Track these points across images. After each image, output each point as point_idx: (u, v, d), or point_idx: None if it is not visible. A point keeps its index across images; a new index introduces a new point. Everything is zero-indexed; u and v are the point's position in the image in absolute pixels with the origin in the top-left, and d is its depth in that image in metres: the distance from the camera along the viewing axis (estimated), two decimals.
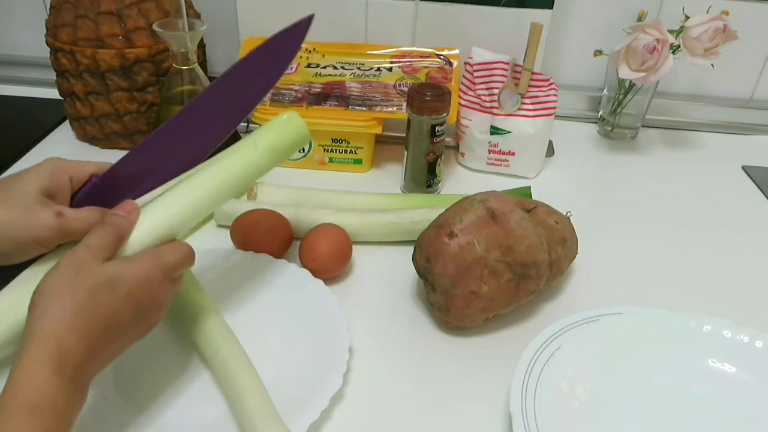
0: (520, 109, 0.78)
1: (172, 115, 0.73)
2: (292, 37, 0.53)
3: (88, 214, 0.45)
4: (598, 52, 0.87)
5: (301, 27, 0.53)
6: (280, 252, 0.63)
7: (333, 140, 0.79)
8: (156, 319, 0.44)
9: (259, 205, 0.66)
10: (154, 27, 0.68)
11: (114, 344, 0.41)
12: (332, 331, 0.54)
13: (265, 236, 0.63)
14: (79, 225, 0.44)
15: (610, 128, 0.92)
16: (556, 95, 0.78)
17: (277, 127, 0.52)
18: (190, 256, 0.46)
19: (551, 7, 0.84)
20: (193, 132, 0.51)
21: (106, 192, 0.48)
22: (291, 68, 0.82)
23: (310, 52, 0.85)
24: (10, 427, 0.33)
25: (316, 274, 0.60)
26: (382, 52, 0.86)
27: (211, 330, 0.51)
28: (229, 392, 0.48)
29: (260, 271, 0.61)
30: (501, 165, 0.82)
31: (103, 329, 0.39)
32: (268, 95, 0.78)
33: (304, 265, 0.61)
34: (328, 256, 0.61)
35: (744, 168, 0.88)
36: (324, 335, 0.54)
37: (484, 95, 0.79)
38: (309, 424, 0.46)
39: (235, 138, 0.78)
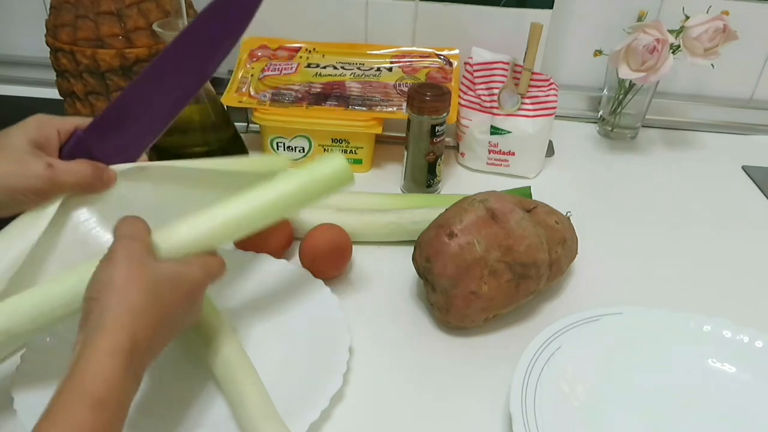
0: (520, 109, 0.78)
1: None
2: None
3: (78, 166, 0.47)
4: (598, 52, 0.87)
5: None
6: (280, 252, 0.63)
7: (333, 140, 0.79)
8: (195, 318, 0.46)
9: None
10: (154, 27, 0.68)
11: (166, 339, 0.42)
12: (332, 331, 0.54)
13: (265, 236, 0.63)
14: (70, 177, 0.46)
15: (610, 128, 0.92)
16: (556, 95, 0.78)
17: (328, 167, 0.52)
18: (224, 269, 0.48)
19: (551, 7, 0.84)
20: (171, 78, 0.51)
21: (91, 144, 0.50)
22: (291, 68, 0.82)
23: (310, 52, 0.85)
24: (76, 419, 0.33)
25: (316, 274, 0.60)
26: (382, 52, 0.86)
27: (212, 330, 0.51)
28: (229, 392, 0.48)
29: (260, 271, 0.61)
30: (501, 165, 0.82)
31: (163, 324, 0.40)
32: (269, 95, 0.78)
33: (304, 265, 0.61)
34: (328, 256, 0.61)
35: (744, 168, 0.88)
36: (324, 335, 0.54)
37: (484, 95, 0.79)
38: (309, 424, 0.46)
39: (237, 139, 0.78)
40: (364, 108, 0.77)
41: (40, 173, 0.45)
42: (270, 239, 0.63)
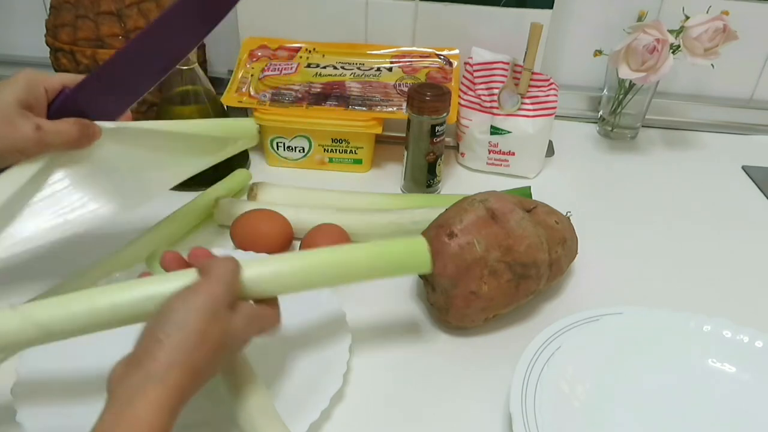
0: (520, 109, 0.78)
1: (173, 115, 0.74)
2: None
3: (65, 126, 0.49)
4: (598, 52, 0.87)
5: None
6: (280, 252, 0.63)
7: (333, 140, 0.79)
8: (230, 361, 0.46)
9: (259, 205, 0.66)
10: None
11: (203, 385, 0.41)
12: (332, 331, 0.54)
13: (265, 236, 0.63)
14: (57, 138, 0.48)
15: (610, 128, 0.92)
16: (556, 95, 0.78)
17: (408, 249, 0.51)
18: (278, 326, 0.46)
19: (551, 7, 0.84)
20: (161, 42, 0.52)
21: (79, 101, 0.51)
22: (291, 68, 0.82)
23: (310, 52, 0.85)
24: None
25: None
26: (382, 52, 0.86)
27: None
28: (229, 392, 0.48)
29: None
30: (501, 165, 0.82)
31: (209, 376, 0.40)
32: (269, 95, 0.78)
33: None
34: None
35: (744, 168, 0.88)
36: (324, 335, 0.54)
37: (484, 95, 0.79)
38: (309, 424, 0.46)
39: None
40: (364, 108, 0.77)
41: (28, 135, 0.47)
42: (270, 239, 0.63)
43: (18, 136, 0.46)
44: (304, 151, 0.80)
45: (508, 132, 0.79)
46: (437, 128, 0.71)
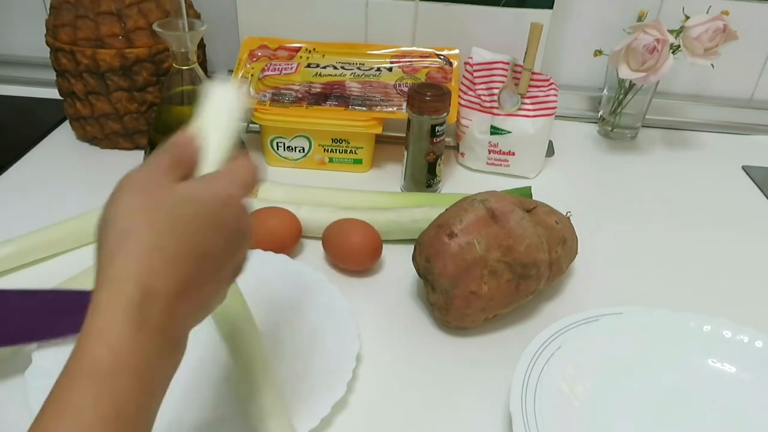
0: (520, 109, 0.78)
1: (173, 115, 0.74)
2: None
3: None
4: (598, 52, 0.87)
5: None
6: (287, 250, 0.63)
7: (333, 140, 0.79)
8: (246, 249, 0.37)
9: (258, 204, 0.66)
10: (154, 27, 0.68)
11: (207, 282, 0.33)
12: (340, 336, 0.54)
13: (273, 233, 0.62)
14: None
15: (610, 128, 0.92)
16: (556, 95, 0.78)
17: None
18: (258, 170, 0.38)
19: (551, 7, 0.84)
20: None
21: None
22: (291, 68, 0.82)
23: (310, 52, 0.85)
24: (73, 399, 0.26)
25: (345, 265, 0.61)
26: (382, 52, 0.86)
27: (238, 324, 0.52)
28: (244, 388, 0.48)
29: (266, 270, 0.60)
30: (501, 165, 0.82)
31: (190, 261, 0.31)
32: (269, 95, 0.78)
33: (332, 257, 0.61)
34: (360, 247, 0.62)
35: (744, 168, 0.88)
36: (331, 338, 0.54)
37: (484, 95, 0.79)
38: (320, 420, 0.46)
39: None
40: (364, 108, 0.77)
41: None
42: (279, 236, 0.62)
43: None
44: (304, 151, 0.80)
45: (508, 132, 0.79)
46: (437, 128, 0.71)
